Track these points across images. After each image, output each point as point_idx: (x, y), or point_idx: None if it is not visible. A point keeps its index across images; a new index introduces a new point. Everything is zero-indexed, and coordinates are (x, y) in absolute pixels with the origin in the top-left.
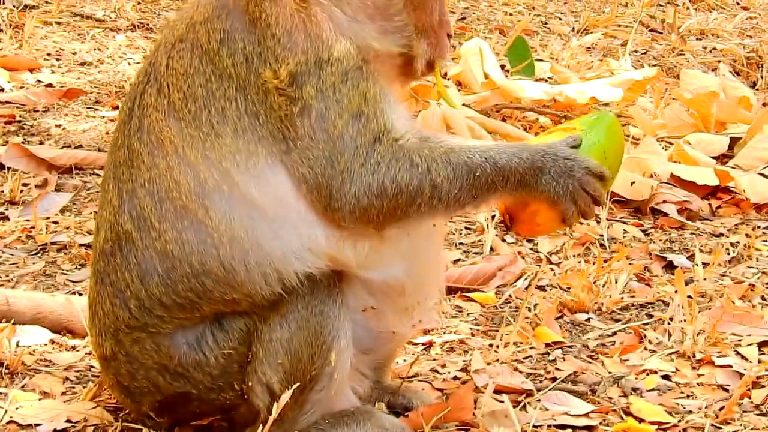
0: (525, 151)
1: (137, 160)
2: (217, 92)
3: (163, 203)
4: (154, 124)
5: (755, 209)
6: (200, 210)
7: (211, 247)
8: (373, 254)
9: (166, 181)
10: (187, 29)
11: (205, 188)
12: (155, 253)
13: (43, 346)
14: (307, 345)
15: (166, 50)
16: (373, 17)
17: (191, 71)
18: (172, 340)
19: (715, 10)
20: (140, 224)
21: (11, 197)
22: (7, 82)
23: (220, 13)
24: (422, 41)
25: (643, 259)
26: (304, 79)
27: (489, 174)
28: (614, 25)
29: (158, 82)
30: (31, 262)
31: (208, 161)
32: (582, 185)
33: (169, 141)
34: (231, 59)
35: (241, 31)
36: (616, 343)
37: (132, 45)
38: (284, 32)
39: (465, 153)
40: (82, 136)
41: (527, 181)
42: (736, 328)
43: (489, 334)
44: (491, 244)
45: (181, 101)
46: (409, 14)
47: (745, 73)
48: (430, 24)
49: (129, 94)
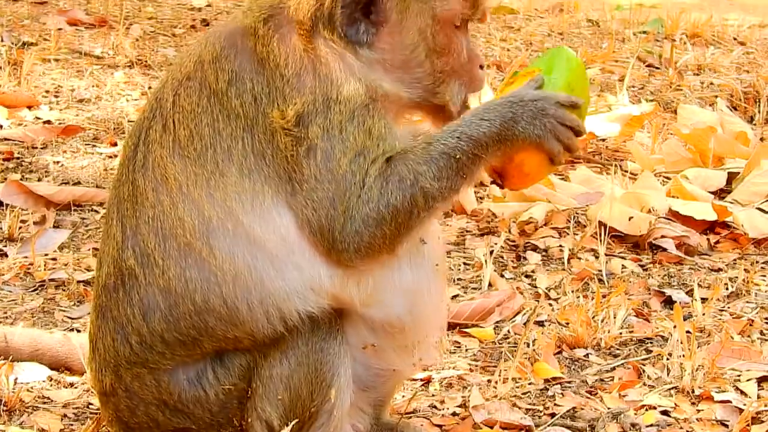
0: (491, 110)
1: (141, 196)
2: (224, 131)
3: (167, 240)
4: (159, 161)
5: (753, 244)
6: (204, 248)
7: (215, 285)
8: (376, 292)
9: (170, 218)
10: (195, 67)
11: (210, 226)
12: (158, 290)
13: (42, 383)
14: (307, 381)
15: (173, 87)
16: (390, 70)
17: (199, 110)
18: (173, 376)
19: (712, 45)
20: (143, 260)
21: (9, 234)
22: (5, 119)
23: (228, 53)
24: (453, 84)
25: (641, 295)
26: (310, 118)
27: (467, 150)
28: (611, 60)
29: (164, 118)
30: (30, 298)
31: (212, 199)
32: (557, 120)
33: (173, 178)
34: (239, 99)
35: (249, 71)
36: (615, 378)
37: (130, 82)
38: (293, 73)
39: (440, 141)
40: (80, 173)
41: (505, 136)
42: (735, 363)
43: (488, 369)
44: (489, 279)
45: (187, 139)
46: (433, 62)
47: (743, 107)
48: (460, 65)
49: (134, 130)
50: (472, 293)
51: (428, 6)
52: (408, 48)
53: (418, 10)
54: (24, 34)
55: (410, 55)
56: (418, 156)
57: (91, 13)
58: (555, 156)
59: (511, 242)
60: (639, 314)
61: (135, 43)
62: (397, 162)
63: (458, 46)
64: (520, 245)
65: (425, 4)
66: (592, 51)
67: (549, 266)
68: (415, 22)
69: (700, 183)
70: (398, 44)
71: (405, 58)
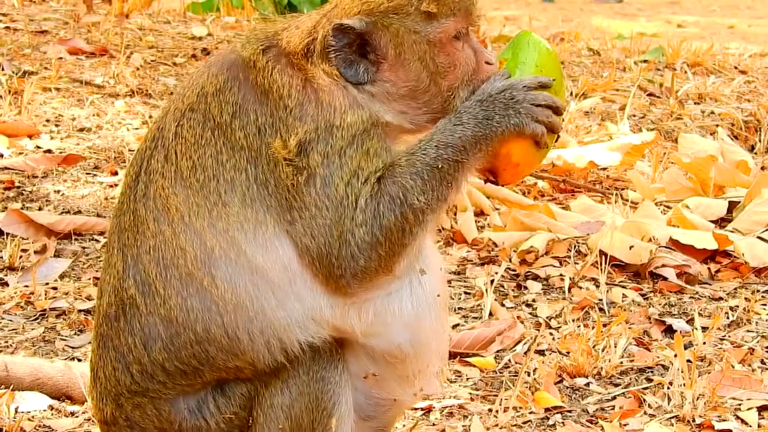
0: (464, 113)
1: (142, 225)
2: (228, 163)
3: (169, 270)
4: (160, 191)
5: (754, 273)
6: (206, 278)
7: (216, 314)
8: (377, 323)
9: (171, 247)
10: (198, 99)
11: (212, 256)
12: (159, 319)
13: (42, 412)
14: (308, 411)
15: (175, 118)
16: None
17: (202, 141)
18: (174, 405)
19: (713, 74)
20: (145, 290)
21: (10, 263)
22: (6, 148)
23: (231, 85)
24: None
25: (642, 324)
26: (312, 146)
27: (447, 158)
28: (612, 90)
29: (166, 149)
30: (30, 327)
31: (214, 229)
32: (530, 102)
33: (175, 208)
34: (243, 132)
35: (253, 102)
36: (616, 407)
37: (131, 111)
38: (297, 103)
39: (420, 152)
40: (80, 202)
41: (483, 135)
42: (735, 392)
43: (488, 398)
44: (490, 308)
45: (190, 169)
46: (439, 83)
47: (744, 136)
48: (469, 72)
49: (134, 159)
50: (473, 322)
51: (421, 35)
52: (412, 79)
53: (412, 41)
54: (25, 63)
55: (416, 84)
56: (404, 170)
57: (92, 42)
58: (539, 138)
59: (511, 271)
60: (640, 343)
61: (136, 72)
62: (386, 180)
63: (462, 57)
64: (521, 274)
65: (418, 35)
66: (593, 80)
67: (550, 295)
68: (413, 52)
69: (700, 212)
70: (402, 77)
71: (411, 87)
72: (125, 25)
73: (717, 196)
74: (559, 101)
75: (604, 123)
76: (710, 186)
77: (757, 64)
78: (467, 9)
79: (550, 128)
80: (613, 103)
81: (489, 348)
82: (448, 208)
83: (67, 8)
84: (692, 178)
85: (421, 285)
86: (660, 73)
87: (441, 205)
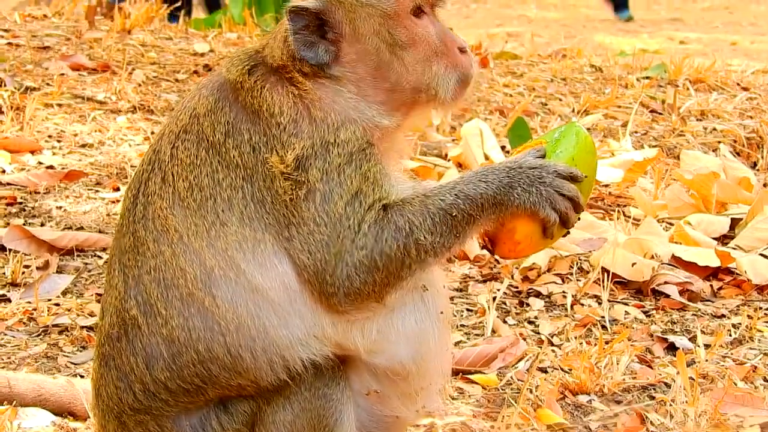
0: (491, 173)
1: (142, 246)
2: (224, 182)
3: (169, 290)
4: (159, 212)
5: (757, 290)
6: (207, 298)
7: (218, 334)
8: (380, 340)
9: (171, 268)
10: (191, 120)
11: (212, 276)
12: (161, 339)
13: (45, 428)
14: (311, 427)
15: (169, 140)
16: (369, 83)
17: (198, 162)
18: (176, 423)
19: (715, 91)
20: (146, 310)
21: (12, 279)
22: (8, 164)
23: (222, 105)
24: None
25: (644, 341)
26: (310, 162)
27: (463, 209)
28: (614, 106)
29: (162, 170)
30: (33, 344)
31: (213, 249)
32: (555, 189)
33: (174, 229)
34: (237, 150)
35: (245, 122)
36: (618, 425)
37: (133, 127)
38: (289, 120)
39: (437, 196)
40: (83, 218)
41: (501, 200)
42: (738, 409)
43: (491, 416)
44: (492, 325)
45: (187, 190)
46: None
47: (746, 153)
48: (434, 53)
49: (133, 182)
50: (475, 339)
51: (374, 8)
52: (372, 54)
53: (366, 14)
54: (27, 79)
55: (378, 60)
56: (416, 208)
57: (94, 58)
58: (549, 225)
59: (514, 288)
60: (642, 360)
61: (137, 89)
62: (394, 211)
63: (424, 34)
64: (523, 291)
65: (372, 7)
66: (596, 96)
67: (552, 312)
68: (367, 26)
69: (703, 229)
70: (361, 52)
71: (374, 65)
72: (127, 41)
73: (719, 213)
74: (581, 199)
75: (606, 140)
76: (712, 203)
77: (760, 81)
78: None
79: (564, 220)
80: (615, 120)
81: (491, 365)
82: (447, 257)
83: (69, 24)
84: (694, 195)
85: (424, 302)
86: (662, 89)
87: (442, 251)
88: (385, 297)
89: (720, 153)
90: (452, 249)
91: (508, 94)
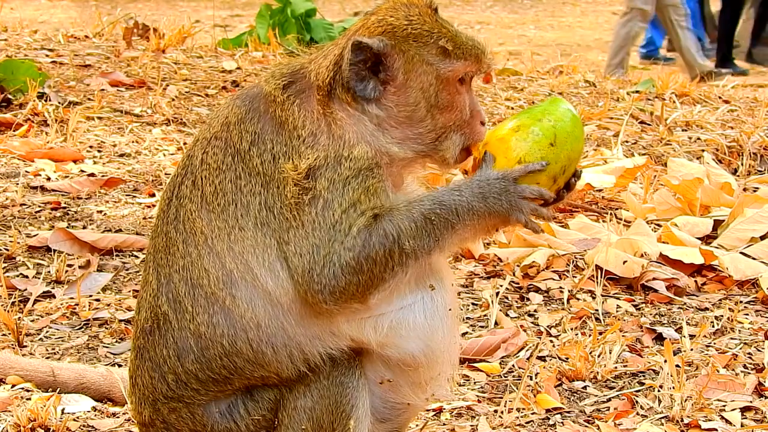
0: (463, 186)
1: (173, 247)
2: (245, 188)
3: (195, 289)
4: (189, 215)
5: (737, 285)
6: (228, 298)
7: (240, 330)
8: (392, 335)
9: (197, 268)
10: (222, 128)
11: (231, 278)
12: (190, 334)
13: (86, 413)
14: (329, 412)
15: (202, 146)
16: (394, 126)
17: (224, 167)
18: (206, 410)
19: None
20: (176, 307)
21: (57, 277)
22: (53, 172)
23: (252, 116)
24: (454, 138)
25: (634, 332)
26: (320, 172)
27: (440, 214)
28: (607, 118)
29: (194, 175)
30: (76, 336)
31: (232, 252)
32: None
33: (200, 231)
34: (260, 158)
35: (270, 132)
36: (611, 408)
37: (167, 138)
38: (309, 133)
39: (418, 202)
40: (121, 221)
41: (475, 208)
42: (720, 394)
43: (494, 400)
44: (496, 318)
45: (212, 194)
46: (435, 118)
47: (727, 161)
48: (462, 121)
49: (169, 185)
50: (480, 331)
51: (433, 68)
52: (411, 105)
53: (422, 71)
54: (70, 95)
55: (413, 113)
56: (402, 214)
57: (131, 75)
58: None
59: (515, 284)
60: (632, 350)
61: (171, 103)
62: (383, 219)
63: (460, 103)
64: (524, 287)
65: (430, 66)
66: (590, 109)
67: (550, 306)
68: (419, 81)
69: (688, 230)
70: (402, 102)
71: (408, 115)
72: (161, 60)
73: (703, 215)
74: (548, 193)
75: (600, 148)
76: (697, 206)
77: (740, 95)
78: (478, 56)
79: (536, 216)
80: (607, 130)
81: (494, 354)
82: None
83: (108, 44)
84: (680, 199)
85: (432, 300)
86: (651, 102)
87: (422, 255)
88: (368, 298)
89: (704, 160)
90: (432, 253)
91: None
